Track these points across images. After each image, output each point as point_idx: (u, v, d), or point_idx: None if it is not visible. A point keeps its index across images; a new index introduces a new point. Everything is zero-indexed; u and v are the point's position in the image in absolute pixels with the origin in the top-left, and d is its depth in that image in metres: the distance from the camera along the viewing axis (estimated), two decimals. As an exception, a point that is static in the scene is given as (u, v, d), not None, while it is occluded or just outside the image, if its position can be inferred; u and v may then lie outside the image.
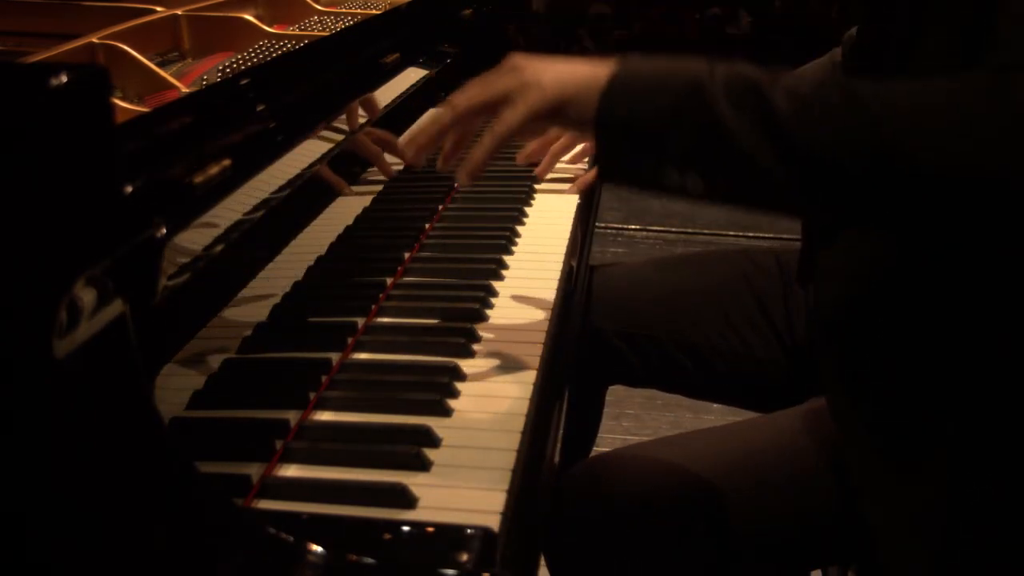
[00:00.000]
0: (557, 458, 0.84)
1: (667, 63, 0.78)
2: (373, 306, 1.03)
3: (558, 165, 1.52)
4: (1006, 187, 0.70)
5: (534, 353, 0.95)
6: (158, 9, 1.27)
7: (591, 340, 1.31)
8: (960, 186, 0.71)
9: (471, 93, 0.86)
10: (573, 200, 1.39)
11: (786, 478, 0.99)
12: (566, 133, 1.36)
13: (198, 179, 0.76)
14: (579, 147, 1.48)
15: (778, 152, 0.72)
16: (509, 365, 0.93)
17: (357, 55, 1.25)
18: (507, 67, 0.85)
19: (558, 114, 0.81)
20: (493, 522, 0.69)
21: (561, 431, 0.88)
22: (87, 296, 0.56)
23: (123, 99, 1.06)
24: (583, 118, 0.79)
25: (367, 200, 1.31)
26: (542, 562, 0.91)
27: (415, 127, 0.93)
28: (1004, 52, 0.74)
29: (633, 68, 0.79)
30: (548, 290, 1.09)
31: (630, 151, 0.78)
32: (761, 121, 0.72)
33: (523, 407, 0.85)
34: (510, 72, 0.84)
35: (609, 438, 2.48)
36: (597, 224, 1.54)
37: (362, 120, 1.24)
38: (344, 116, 1.18)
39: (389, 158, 1.38)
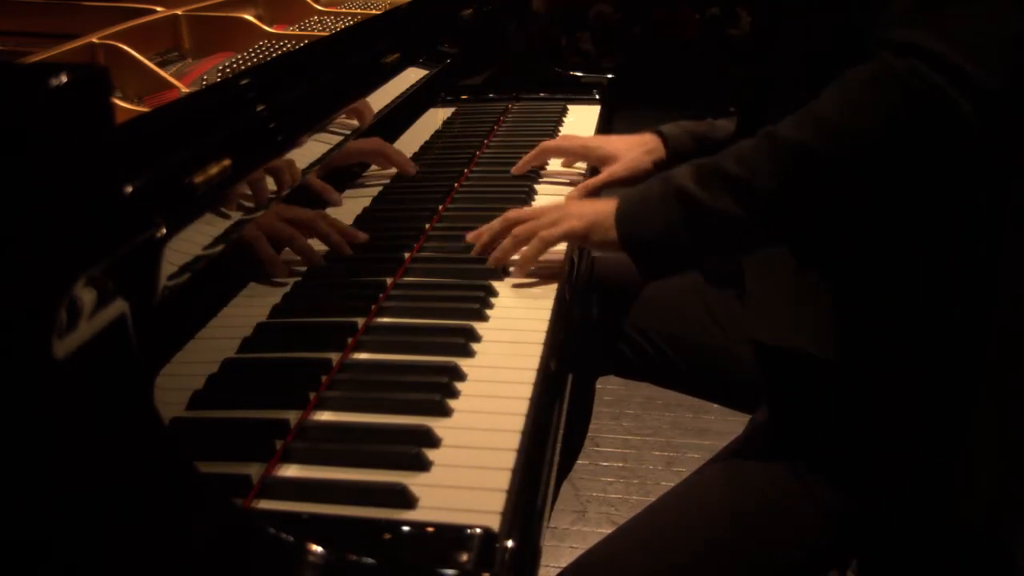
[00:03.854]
0: (557, 458, 0.84)
1: (649, 183, 1.03)
2: (373, 306, 1.03)
3: (554, 168, 1.52)
4: (909, 138, 0.86)
5: (534, 353, 0.95)
6: (158, 9, 1.27)
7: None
8: (871, 158, 0.88)
9: (528, 227, 1.11)
10: (573, 200, 1.39)
11: (755, 524, 1.01)
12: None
13: (198, 179, 0.76)
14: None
15: (741, 200, 0.93)
16: (509, 365, 0.93)
17: (357, 55, 1.25)
18: (558, 204, 1.16)
19: (586, 238, 1.07)
20: (493, 522, 0.69)
21: (561, 431, 0.88)
22: (87, 296, 0.56)
23: (123, 99, 1.06)
24: (606, 241, 1.05)
25: (367, 200, 1.31)
26: (542, 563, 0.91)
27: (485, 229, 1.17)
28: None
29: (628, 199, 1.04)
30: (548, 290, 1.09)
31: (651, 251, 1.02)
32: (723, 185, 0.94)
33: (523, 407, 0.85)
34: (558, 208, 1.13)
35: (609, 438, 2.48)
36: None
37: (363, 120, 1.24)
38: (344, 116, 1.18)
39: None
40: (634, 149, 1.40)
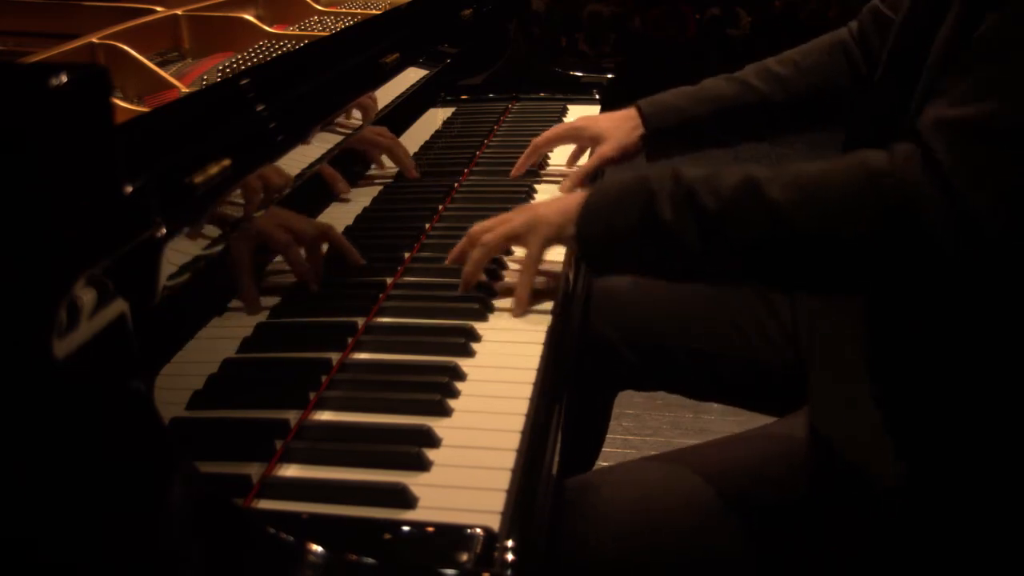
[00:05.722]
0: (557, 458, 0.84)
1: (628, 181, 0.97)
2: (373, 306, 1.03)
3: (555, 167, 1.52)
4: (881, 250, 0.84)
5: (534, 353, 0.95)
6: (158, 9, 1.27)
7: (598, 348, 1.30)
8: (838, 253, 0.86)
9: (497, 232, 1.06)
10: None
11: (764, 494, 0.99)
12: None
13: (198, 179, 0.76)
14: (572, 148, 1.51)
15: (706, 239, 0.91)
16: (509, 365, 0.93)
17: (357, 55, 1.25)
18: (519, 210, 1.09)
19: (560, 238, 1.03)
20: (493, 522, 0.69)
21: (561, 431, 0.88)
22: (87, 296, 0.56)
23: (123, 99, 1.06)
24: (563, 236, 1.02)
25: (367, 200, 1.31)
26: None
27: (456, 251, 1.10)
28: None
29: (600, 192, 1.00)
30: (550, 290, 1.09)
31: (603, 254, 1.00)
32: (693, 216, 0.91)
33: (523, 407, 0.85)
34: (522, 213, 1.07)
35: (609, 438, 2.47)
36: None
37: (362, 120, 1.24)
38: (344, 116, 1.18)
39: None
40: (621, 127, 1.41)
